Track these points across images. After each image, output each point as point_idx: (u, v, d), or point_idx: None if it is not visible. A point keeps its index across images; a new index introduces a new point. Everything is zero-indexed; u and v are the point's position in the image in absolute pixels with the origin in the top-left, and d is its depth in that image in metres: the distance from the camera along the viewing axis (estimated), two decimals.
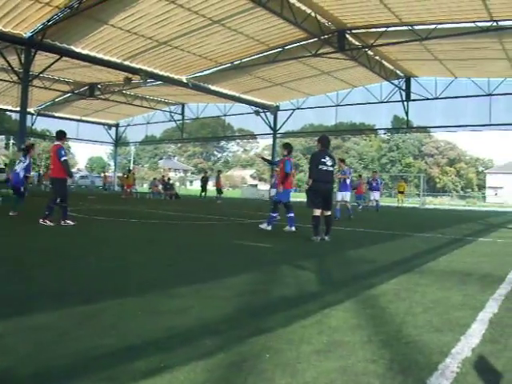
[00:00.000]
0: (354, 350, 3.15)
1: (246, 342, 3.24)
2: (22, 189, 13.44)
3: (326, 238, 9.98)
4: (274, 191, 18.39)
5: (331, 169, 9.95)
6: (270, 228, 11.97)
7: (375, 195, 25.96)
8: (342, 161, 19.57)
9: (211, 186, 42.91)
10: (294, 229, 11.90)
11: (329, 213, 10.15)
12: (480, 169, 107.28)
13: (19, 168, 13.37)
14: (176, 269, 6.17)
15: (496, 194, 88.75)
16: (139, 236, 10.11)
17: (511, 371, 2.87)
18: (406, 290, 5.11)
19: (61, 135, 11.56)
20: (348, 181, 18.43)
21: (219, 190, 34.70)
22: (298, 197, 33.21)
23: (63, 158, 11.08)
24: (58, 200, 11.19)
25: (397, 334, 3.55)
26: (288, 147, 12.56)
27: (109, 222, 13.29)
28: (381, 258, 7.89)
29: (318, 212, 9.86)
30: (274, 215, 12.22)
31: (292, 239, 10.59)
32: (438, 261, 7.65)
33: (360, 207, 25.80)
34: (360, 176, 31.09)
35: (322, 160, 9.82)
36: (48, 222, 10.89)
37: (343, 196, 18.20)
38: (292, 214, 12.03)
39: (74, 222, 11.16)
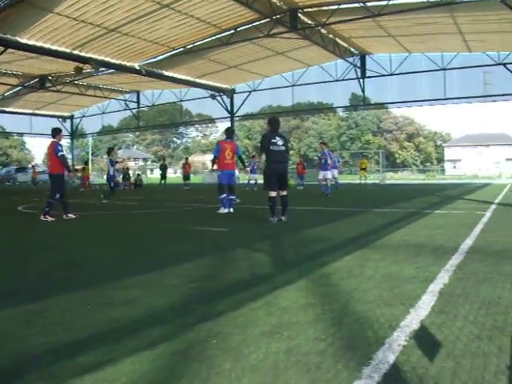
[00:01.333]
0: (303, 330, 3.12)
1: (193, 329, 3.18)
2: (112, 184, 18.21)
3: (283, 218, 9.99)
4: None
5: (283, 148, 9.92)
6: (226, 211, 12.22)
7: (330, 173, 21.43)
8: (323, 143, 21.93)
9: (173, 174, 42.66)
10: (226, 210, 12.31)
11: (284, 193, 10.09)
12: (438, 143, 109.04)
13: (111, 168, 18.06)
14: (128, 259, 6.07)
15: (454, 167, 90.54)
16: (94, 228, 9.98)
17: (461, 341, 2.87)
18: (359, 266, 5.11)
19: (55, 132, 11.69)
20: (329, 161, 20.14)
21: (187, 177, 34.39)
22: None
23: (60, 153, 11.33)
24: (58, 196, 11.39)
25: (347, 311, 3.54)
26: (225, 131, 13.39)
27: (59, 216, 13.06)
28: (336, 235, 7.93)
29: (273, 193, 9.85)
30: (221, 197, 12.44)
31: (249, 222, 10.57)
32: (392, 235, 7.72)
33: (301, 188, 25.78)
34: (301, 156, 31.57)
35: (273, 141, 9.80)
36: (49, 218, 11.10)
37: (324, 175, 19.78)
38: (231, 196, 12.56)
39: (76, 216, 11.55)
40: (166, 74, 34.59)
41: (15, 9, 21.04)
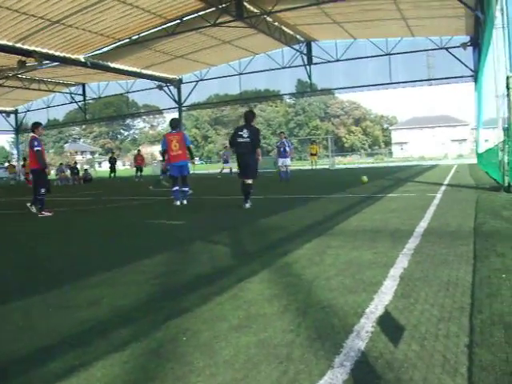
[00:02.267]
0: (271, 322, 3.16)
1: (162, 327, 3.18)
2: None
3: (247, 205, 10.77)
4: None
5: (248, 140, 10.70)
6: (178, 203, 12.42)
7: (288, 160, 22.47)
8: (282, 133, 24.44)
9: (122, 166, 42.22)
10: (178, 203, 12.48)
11: (249, 181, 10.89)
12: (385, 126, 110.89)
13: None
14: (86, 257, 5.99)
15: (402, 149, 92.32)
16: (46, 227, 9.77)
17: (424, 323, 2.96)
18: (319, 253, 5.18)
19: (33, 126, 11.78)
20: (288, 149, 21.92)
21: (139, 168, 34.04)
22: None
23: (36, 148, 11.30)
24: (43, 190, 11.54)
25: (312, 300, 3.59)
26: (170, 123, 13.37)
27: (15, 214, 12.78)
28: (294, 223, 7.98)
29: (248, 180, 10.91)
30: (173, 189, 12.71)
31: (204, 214, 10.58)
32: (349, 221, 7.83)
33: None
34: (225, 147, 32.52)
35: (239, 133, 10.82)
36: (46, 213, 11.31)
37: (283, 162, 21.67)
38: (184, 188, 12.80)
39: (51, 213, 11.49)
40: (112, 65, 34.06)
41: None
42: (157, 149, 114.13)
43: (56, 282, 4.69)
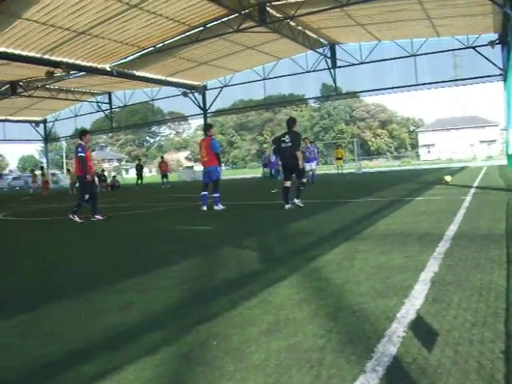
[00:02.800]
0: (301, 327, 3.14)
1: (192, 331, 3.19)
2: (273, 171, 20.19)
3: (296, 201, 11.65)
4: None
5: (289, 145, 11.55)
6: (205, 208, 12.62)
7: (313, 164, 24.91)
8: (306, 138, 26.34)
9: (149, 173, 42.57)
10: (205, 208, 12.65)
11: (303, 179, 11.97)
12: (411, 128, 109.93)
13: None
14: (115, 263, 6.05)
15: (429, 152, 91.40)
16: (75, 233, 9.89)
17: (457, 329, 2.90)
18: (348, 258, 5.14)
19: (81, 134, 12.07)
20: (307, 155, 23.51)
21: (165, 175, 34.32)
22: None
23: (79, 154, 11.47)
24: (87, 196, 11.60)
25: (342, 305, 3.56)
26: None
27: (45, 222, 12.96)
28: (321, 228, 7.97)
29: (287, 183, 11.77)
30: (201, 194, 13.02)
31: (232, 219, 10.59)
32: (377, 225, 7.76)
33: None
34: (263, 153, 33.32)
35: (282, 139, 11.80)
36: (76, 218, 11.41)
37: (310, 166, 23.65)
38: (214, 194, 12.78)
39: (104, 217, 11.75)
40: (137, 73, 34.41)
41: None
42: (183, 155, 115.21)
43: (85, 287, 4.74)
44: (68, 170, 38.30)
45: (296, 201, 11.64)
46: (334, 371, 2.44)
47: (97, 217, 11.65)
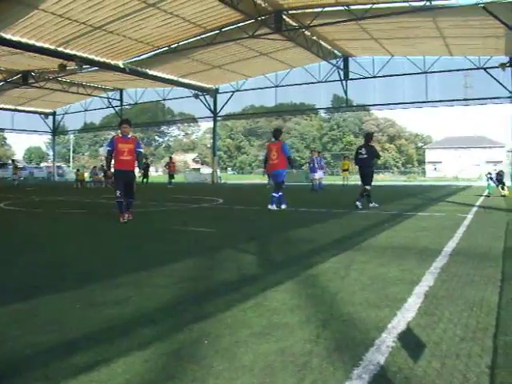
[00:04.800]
0: (293, 331, 3.18)
1: (185, 329, 3.22)
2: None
3: (372, 204, 14.04)
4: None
5: (365, 156, 13.73)
6: (270, 207, 13.02)
7: (317, 174, 26.81)
8: (314, 150, 29.32)
9: (155, 172, 42.63)
10: (270, 207, 13.01)
11: (367, 187, 13.91)
12: (419, 144, 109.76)
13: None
14: (115, 258, 6.10)
15: (435, 169, 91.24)
16: (77, 227, 9.95)
17: (445, 342, 2.94)
18: (345, 267, 5.18)
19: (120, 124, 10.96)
20: (317, 165, 26.34)
21: (172, 175, 34.43)
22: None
23: (140, 149, 10.85)
24: (118, 193, 10.36)
25: (335, 313, 3.60)
26: (273, 133, 14.16)
27: (48, 213, 13.03)
28: (322, 236, 7.99)
29: (367, 187, 13.85)
30: (271, 195, 13.41)
31: (236, 223, 10.64)
32: (377, 237, 7.80)
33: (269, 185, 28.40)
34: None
35: (359, 151, 13.99)
36: (125, 216, 10.31)
37: (318, 175, 26.56)
38: (273, 193, 13.30)
39: (128, 218, 10.43)
40: (150, 72, 34.56)
41: (0, 5, 20.87)
42: (190, 157, 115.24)
43: (84, 280, 4.79)
44: (78, 170, 38.23)
45: (371, 204, 13.98)
46: (320, 376, 2.47)
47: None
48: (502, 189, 18.41)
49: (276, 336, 3.09)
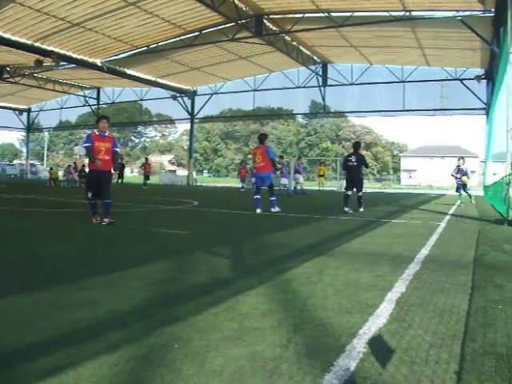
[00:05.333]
0: (264, 336, 3.16)
1: (155, 333, 3.18)
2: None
3: (361, 209, 14.56)
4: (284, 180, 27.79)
5: (355, 164, 14.29)
6: (259, 211, 13.37)
7: (286, 180, 28.78)
8: (281, 157, 30.73)
9: (130, 173, 42.37)
10: (258, 211, 13.39)
11: (359, 194, 14.70)
12: (395, 152, 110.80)
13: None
14: (86, 259, 6.00)
15: (410, 177, 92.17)
16: (49, 227, 9.81)
17: (415, 348, 2.95)
18: (319, 273, 5.18)
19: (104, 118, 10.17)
20: (284, 170, 27.62)
21: (147, 177, 34.29)
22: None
23: (117, 149, 10.28)
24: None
25: (307, 318, 3.58)
26: (258, 137, 14.69)
27: (18, 212, 12.86)
28: (296, 241, 7.99)
29: (348, 192, 14.43)
30: (254, 198, 13.79)
31: (209, 226, 10.60)
32: (351, 243, 7.83)
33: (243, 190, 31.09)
34: (240, 163, 34.81)
35: (349, 158, 14.52)
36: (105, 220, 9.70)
37: (285, 180, 28.07)
38: (270, 198, 13.98)
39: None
40: (128, 72, 34.41)
41: None
42: (166, 158, 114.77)
43: (53, 281, 4.71)
44: (51, 169, 37.91)
45: (360, 209, 14.45)
46: (290, 381, 2.46)
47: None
48: (470, 196, 18.84)
49: (247, 340, 3.07)
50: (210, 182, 59.13)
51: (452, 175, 19.30)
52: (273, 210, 13.52)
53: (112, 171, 10.17)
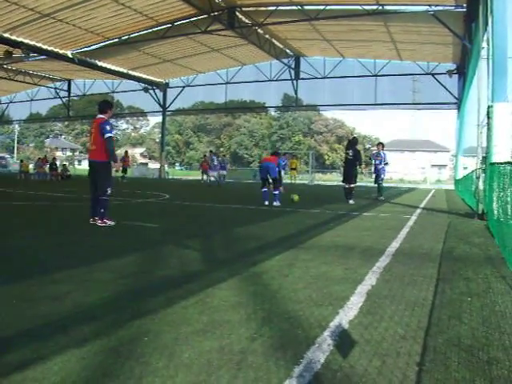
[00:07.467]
0: (234, 329, 3.15)
1: (125, 326, 3.15)
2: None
3: (351, 201, 15.69)
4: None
5: (351, 157, 15.81)
6: (267, 203, 13.78)
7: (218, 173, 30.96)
8: (211, 152, 32.40)
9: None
10: (266, 203, 13.80)
11: (351, 185, 16.01)
12: (367, 146, 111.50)
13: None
14: (55, 252, 5.93)
15: None
16: (18, 220, 9.66)
17: (387, 340, 2.97)
18: (290, 265, 5.19)
19: (105, 107, 8.85)
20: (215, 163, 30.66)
21: (125, 170, 33.84)
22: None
23: (108, 135, 8.48)
24: (109, 191, 8.61)
25: (277, 311, 3.59)
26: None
27: None
28: (267, 234, 7.99)
29: (346, 185, 16.00)
30: (262, 190, 14.14)
31: (181, 219, 10.56)
32: (322, 236, 7.86)
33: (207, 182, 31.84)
34: (204, 156, 35.49)
35: (347, 152, 16.04)
36: (108, 222, 8.51)
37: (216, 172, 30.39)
38: (273, 191, 13.99)
39: (114, 222, 8.64)
40: (100, 64, 34.04)
41: None
42: (138, 151, 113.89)
43: (22, 274, 4.63)
44: (21, 162, 37.39)
45: (350, 201, 15.57)
46: (260, 374, 2.45)
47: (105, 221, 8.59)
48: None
49: (217, 333, 3.06)
50: (182, 175, 58.85)
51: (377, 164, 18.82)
52: (274, 203, 13.62)
53: (111, 163, 8.75)
